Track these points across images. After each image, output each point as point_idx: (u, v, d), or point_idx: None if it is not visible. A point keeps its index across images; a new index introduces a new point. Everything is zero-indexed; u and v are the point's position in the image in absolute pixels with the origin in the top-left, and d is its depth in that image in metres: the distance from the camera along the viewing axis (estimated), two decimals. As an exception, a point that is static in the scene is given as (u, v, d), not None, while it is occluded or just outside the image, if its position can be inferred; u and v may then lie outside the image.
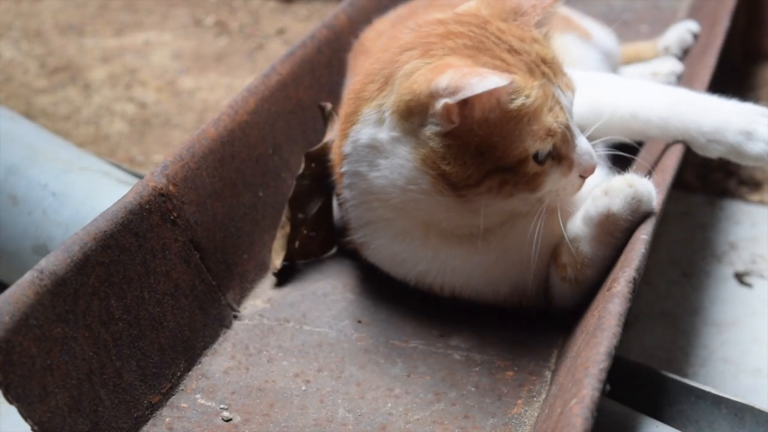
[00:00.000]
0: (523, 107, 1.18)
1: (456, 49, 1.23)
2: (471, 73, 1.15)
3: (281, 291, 1.47)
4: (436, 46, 1.24)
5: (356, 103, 1.30)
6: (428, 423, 1.20)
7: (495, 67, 1.21)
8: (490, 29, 1.26)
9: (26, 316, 1.06)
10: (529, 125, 1.19)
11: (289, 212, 1.48)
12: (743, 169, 2.17)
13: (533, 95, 1.19)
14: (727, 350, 1.67)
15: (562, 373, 1.16)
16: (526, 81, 1.20)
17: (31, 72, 2.84)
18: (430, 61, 1.22)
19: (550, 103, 1.21)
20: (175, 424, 1.20)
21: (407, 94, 1.21)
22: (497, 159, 1.20)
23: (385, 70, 1.26)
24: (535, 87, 1.20)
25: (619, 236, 1.25)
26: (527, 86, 1.19)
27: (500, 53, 1.23)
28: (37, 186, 1.69)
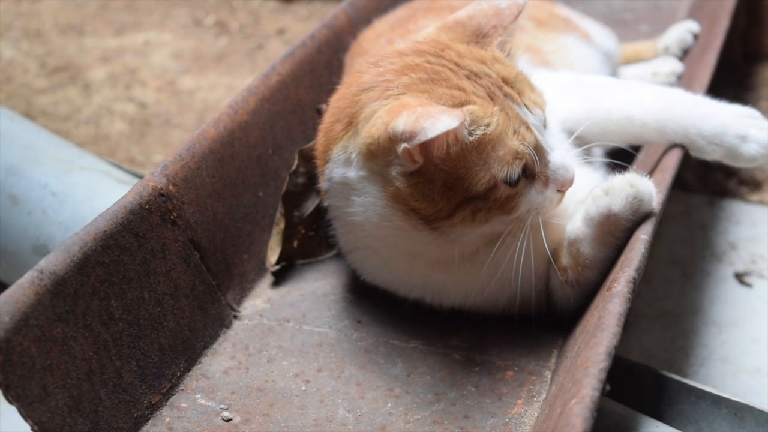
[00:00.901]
0: (484, 137, 1.17)
1: (411, 86, 1.22)
2: (424, 116, 1.13)
3: (281, 291, 1.47)
4: (392, 84, 1.23)
5: (326, 141, 1.30)
6: (428, 423, 1.20)
7: (452, 98, 1.20)
8: (448, 56, 1.25)
9: (26, 316, 1.06)
10: (494, 152, 1.18)
11: (283, 208, 1.48)
12: (743, 169, 2.17)
13: (494, 122, 1.18)
14: (726, 350, 1.67)
15: (562, 373, 1.16)
16: (485, 109, 1.18)
17: (31, 72, 2.84)
18: (386, 102, 1.21)
19: (515, 125, 1.20)
20: (175, 424, 1.20)
21: (368, 138, 1.20)
22: (466, 190, 1.19)
23: (348, 110, 1.26)
24: (495, 114, 1.18)
25: (620, 236, 1.24)
26: (486, 115, 1.18)
27: (458, 81, 1.22)
28: (37, 186, 1.69)
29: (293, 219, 1.49)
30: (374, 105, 1.22)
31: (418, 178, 1.19)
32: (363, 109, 1.23)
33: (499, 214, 1.21)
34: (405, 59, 1.26)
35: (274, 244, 1.48)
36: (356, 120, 1.24)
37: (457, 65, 1.23)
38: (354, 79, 1.30)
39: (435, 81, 1.22)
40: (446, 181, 1.19)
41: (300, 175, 1.50)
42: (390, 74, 1.24)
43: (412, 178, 1.20)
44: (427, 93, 1.20)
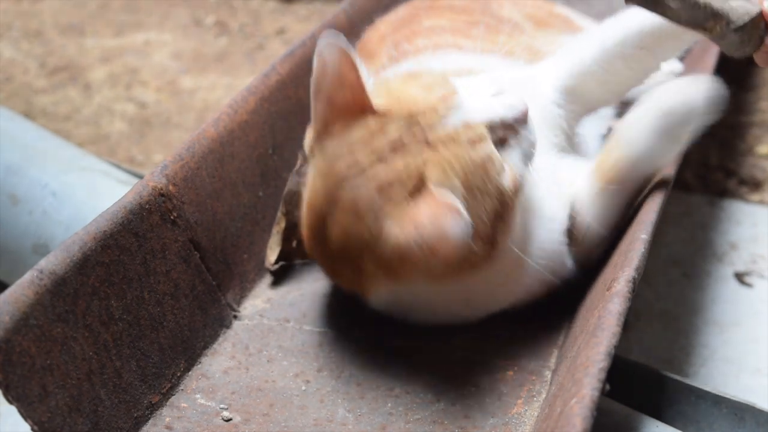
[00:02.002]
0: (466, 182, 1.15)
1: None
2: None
3: (281, 291, 1.47)
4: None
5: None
6: (428, 423, 1.20)
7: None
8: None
9: (26, 316, 1.06)
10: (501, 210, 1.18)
11: (284, 208, 1.48)
12: (743, 169, 2.17)
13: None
14: (727, 350, 1.67)
15: (562, 372, 1.16)
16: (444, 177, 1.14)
17: (31, 72, 2.84)
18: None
19: (492, 178, 1.16)
20: (175, 424, 1.20)
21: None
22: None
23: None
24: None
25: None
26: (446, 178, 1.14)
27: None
28: (37, 186, 1.69)
29: (294, 219, 1.49)
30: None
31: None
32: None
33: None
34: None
35: (273, 244, 1.48)
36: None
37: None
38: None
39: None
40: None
41: (303, 175, 1.49)
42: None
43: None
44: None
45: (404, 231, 1.12)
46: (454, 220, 1.08)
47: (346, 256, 1.21)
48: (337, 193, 1.17)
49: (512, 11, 1.80)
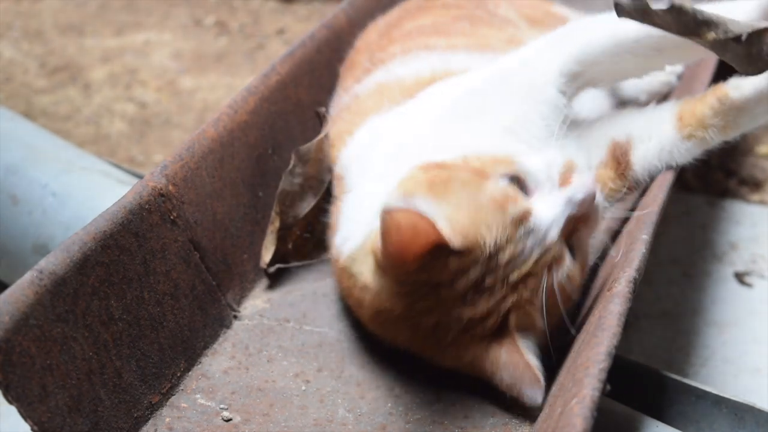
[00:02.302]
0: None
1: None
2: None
3: (281, 291, 1.47)
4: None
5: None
6: (428, 423, 1.20)
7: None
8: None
9: (26, 316, 1.06)
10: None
11: (278, 207, 1.48)
12: (743, 169, 2.17)
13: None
14: (727, 350, 1.67)
15: (563, 372, 1.16)
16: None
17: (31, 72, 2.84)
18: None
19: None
20: (175, 424, 1.20)
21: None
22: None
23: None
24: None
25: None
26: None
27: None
28: (37, 186, 1.69)
29: (288, 219, 1.49)
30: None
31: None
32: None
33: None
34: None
35: (268, 243, 1.48)
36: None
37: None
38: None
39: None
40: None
41: (296, 176, 1.49)
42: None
43: None
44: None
45: (482, 368, 1.19)
46: (533, 391, 1.15)
47: (411, 350, 1.25)
48: (416, 319, 1.18)
49: (508, 10, 1.80)
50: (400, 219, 1.07)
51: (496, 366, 1.17)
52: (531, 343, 1.17)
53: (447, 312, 1.16)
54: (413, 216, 1.07)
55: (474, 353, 1.18)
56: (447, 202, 1.13)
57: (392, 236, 1.09)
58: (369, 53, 1.64)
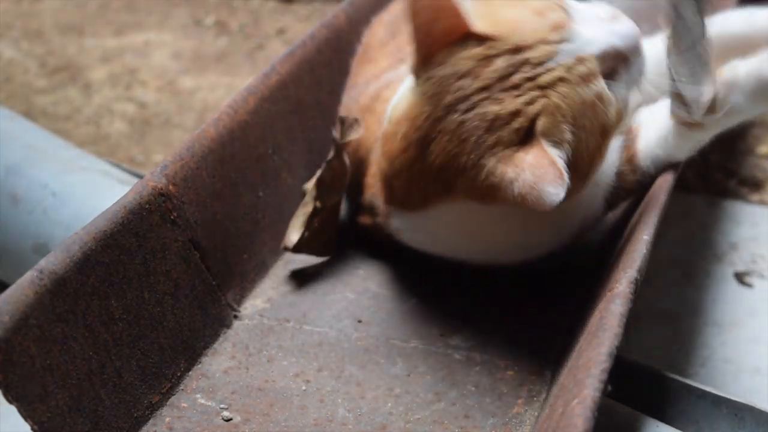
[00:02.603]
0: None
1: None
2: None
3: (281, 291, 1.47)
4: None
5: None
6: (428, 423, 1.20)
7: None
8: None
9: (26, 316, 1.06)
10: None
11: (315, 191, 1.47)
12: (743, 169, 2.17)
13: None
14: (727, 350, 1.67)
15: (563, 373, 1.16)
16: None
17: (31, 72, 2.84)
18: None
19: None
20: (175, 423, 1.20)
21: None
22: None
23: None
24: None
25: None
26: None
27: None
28: (37, 186, 1.69)
29: (317, 207, 1.48)
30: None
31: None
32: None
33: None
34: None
35: (297, 224, 1.47)
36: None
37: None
38: None
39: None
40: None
41: (331, 169, 1.48)
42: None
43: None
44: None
45: (505, 174, 1.14)
46: (555, 188, 1.10)
47: (438, 176, 1.22)
48: (445, 119, 1.17)
49: None
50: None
51: (520, 168, 1.13)
52: (561, 152, 1.14)
53: (472, 108, 1.15)
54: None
55: (500, 158, 1.15)
56: (483, 3, 1.17)
57: (416, 7, 1.13)
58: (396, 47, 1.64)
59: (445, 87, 1.17)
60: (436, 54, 1.17)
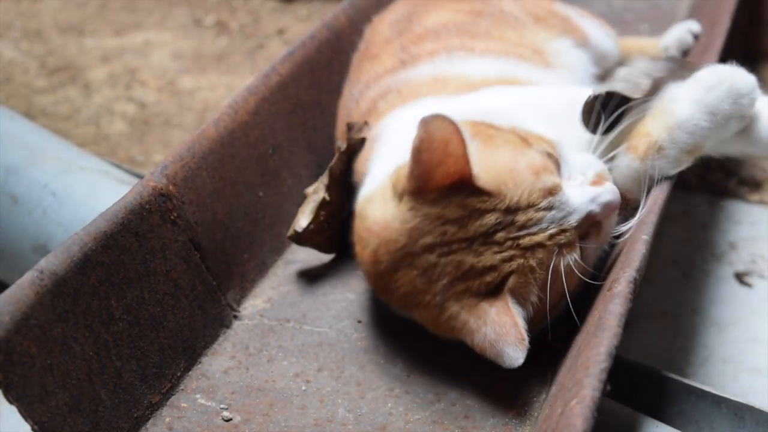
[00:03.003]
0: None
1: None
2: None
3: (281, 291, 1.47)
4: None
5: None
6: (428, 423, 1.20)
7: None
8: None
9: (26, 316, 1.06)
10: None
11: (327, 179, 1.47)
12: (743, 168, 2.17)
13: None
14: (726, 350, 1.67)
15: (563, 372, 1.16)
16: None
17: (31, 72, 2.84)
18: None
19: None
20: (175, 424, 1.20)
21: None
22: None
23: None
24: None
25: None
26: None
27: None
28: (37, 186, 1.69)
29: (325, 198, 1.47)
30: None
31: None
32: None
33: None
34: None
35: (307, 210, 1.46)
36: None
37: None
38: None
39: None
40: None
41: (342, 162, 1.48)
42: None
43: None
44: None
45: (467, 322, 1.17)
46: (516, 351, 1.13)
47: (401, 299, 1.23)
48: (420, 256, 1.18)
49: (513, 6, 1.80)
50: (437, 131, 1.11)
51: (482, 321, 1.15)
52: (522, 311, 1.16)
53: (450, 254, 1.16)
54: (451, 133, 1.11)
55: (463, 306, 1.17)
56: (486, 147, 1.17)
57: (422, 152, 1.12)
58: (399, 47, 1.64)
59: (429, 226, 1.16)
60: (432, 190, 1.16)
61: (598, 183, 1.21)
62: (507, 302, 1.15)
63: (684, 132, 1.27)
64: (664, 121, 1.27)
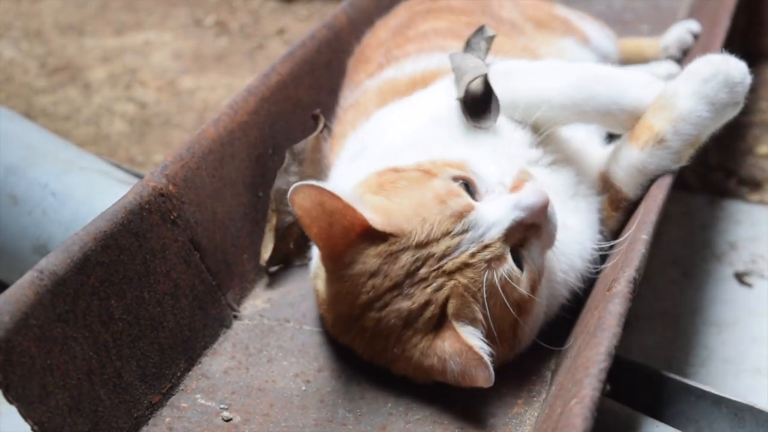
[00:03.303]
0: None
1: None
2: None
3: (281, 291, 1.47)
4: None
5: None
6: (428, 423, 1.20)
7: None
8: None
9: (26, 316, 1.06)
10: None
11: (274, 205, 1.48)
12: (743, 169, 2.17)
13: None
14: (727, 350, 1.67)
15: (562, 373, 1.16)
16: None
17: (31, 72, 2.84)
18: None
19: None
20: (175, 424, 1.20)
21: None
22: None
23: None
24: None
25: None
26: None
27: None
28: (37, 186, 1.69)
29: (286, 218, 1.49)
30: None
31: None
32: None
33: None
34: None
35: (267, 241, 1.49)
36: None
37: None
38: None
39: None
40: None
41: (292, 174, 1.49)
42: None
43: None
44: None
45: (432, 365, 1.17)
46: (482, 370, 1.13)
47: (373, 359, 1.24)
48: (363, 318, 1.18)
49: (512, 12, 1.80)
50: (305, 200, 1.11)
51: (442, 358, 1.15)
52: (473, 329, 1.15)
53: (386, 306, 1.16)
54: (317, 194, 1.11)
55: (421, 350, 1.17)
56: (392, 196, 1.16)
57: (309, 225, 1.13)
58: (385, 49, 1.64)
59: (358, 286, 1.16)
60: (343, 252, 1.16)
61: (518, 187, 1.18)
62: (454, 328, 1.15)
63: (688, 124, 1.27)
64: (666, 115, 1.27)
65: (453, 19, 1.71)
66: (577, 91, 1.31)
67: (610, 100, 1.30)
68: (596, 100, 1.30)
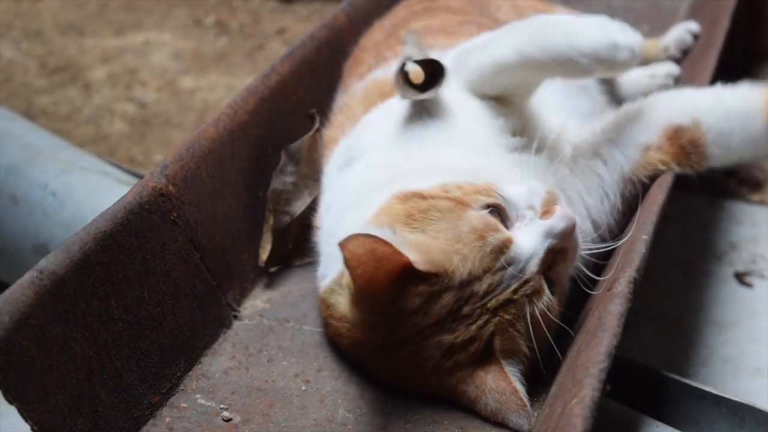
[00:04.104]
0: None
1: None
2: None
3: (281, 291, 1.47)
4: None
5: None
6: (428, 423, 1.20)
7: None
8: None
9: (26, 316, 1.06)
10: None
11: (270, 205, 1.48)
12: (743, 169, 2.17)
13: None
14: (727, 350, 1.67)
15: (563, 373, 1.16)
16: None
17: (31, 72, 2.84)
18: None
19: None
20: (175, 424, 1.20)
21: None
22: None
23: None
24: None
25: None
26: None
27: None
28: (37, 186, 1.69)
29: (283, 218, 1.49)
30: None
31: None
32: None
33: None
34: None
35: (264, 242, 1.48)
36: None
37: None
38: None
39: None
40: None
41: (288, 174, 1.49)
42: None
43: None
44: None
45: (466, 393, 1.17)
46: (520, 418, 1.14)
47: (397, 380, 1.23)
48: (399, 350, 1.17)
49: (510, 14, 1.80)
50: (358, 248, 1.08)
51: (481, 391, 1.16)
52: (517, 369, 1.17)
53: (426, 339, 1.15)
54: (370, 242, 1.08)
55: (458, 378, 1.17)
56: (423, 232, 1.14)
57: (355, 268, 1.09)
58: (376, 51, 1.64)
59: (396, 322, 1.15)
60: (383, 290, 1.13)
61: (548, 212, 1.17)
62: (502, 366, 1.15)
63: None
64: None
65: (448, 18, 1.70)
66: (531, 45, 1.28)
67: (567, 45, 1.26)
68: (552, 49, 1.27)
